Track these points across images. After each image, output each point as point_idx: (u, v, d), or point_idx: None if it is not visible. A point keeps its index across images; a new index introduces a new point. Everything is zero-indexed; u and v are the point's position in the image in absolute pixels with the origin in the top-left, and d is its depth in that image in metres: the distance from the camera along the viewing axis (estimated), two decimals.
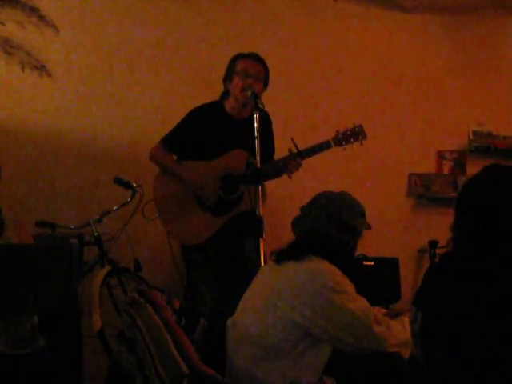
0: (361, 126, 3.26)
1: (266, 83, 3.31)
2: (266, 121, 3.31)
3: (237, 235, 3.22)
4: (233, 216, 3.22)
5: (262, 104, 3.03)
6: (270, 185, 3.41)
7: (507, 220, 1.55)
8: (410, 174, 4.89)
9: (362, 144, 3.27)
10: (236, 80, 3.24)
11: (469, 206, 1.63)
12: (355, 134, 3.24)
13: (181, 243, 3.36)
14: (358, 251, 2.50)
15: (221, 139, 3.26)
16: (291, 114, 4.44)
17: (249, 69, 3.23)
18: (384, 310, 2.41)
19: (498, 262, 1.54)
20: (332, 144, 3.22)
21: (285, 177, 3.40)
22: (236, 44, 4.31)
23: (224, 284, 3.14)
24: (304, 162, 3.26)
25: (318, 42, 4.72)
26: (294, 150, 3.15)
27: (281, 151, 3.33)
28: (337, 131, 3.23)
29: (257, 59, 3.28)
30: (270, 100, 3.32)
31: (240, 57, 3.29)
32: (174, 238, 3.36)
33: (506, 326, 1.47)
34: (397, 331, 2.18)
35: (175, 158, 3.39)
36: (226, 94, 3.34)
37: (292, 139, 3.15)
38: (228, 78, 3.30)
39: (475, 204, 1.61)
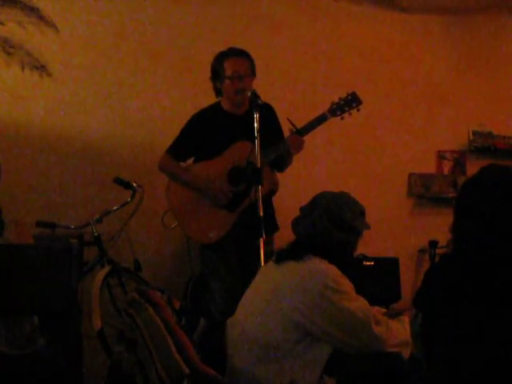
0: (354, 93, 3.25)
1: (254, 73, 3.31)
2: (270, 114, 3.33)
3: (250, 235, 3.22)
4: (245, 208, 3.23)
5: (263, 102, 3.03)
6: None
7: (505, 220, 1.55)
8: (410, 174, 4.89)
9: (358, 110, 3.25)
10: (228, 83, 3.25)
11: (467, 207, 1.63)
12: (349, 102, 3.23)
13: (202, 243, 3.36)
14: (358, 251, 2.50)
15: (224, 137, 3.28)
16: (291, 114, 4.43)
17: (239, 70, 3.24)
18: (384, 310, 2.41)
19: (497, 263, 1.54)
20: (328, 115, 3.21)
21: (285, 177, 3.41)
22: (236, 43, 4.29)
23: (235, 282, 3.14)
24: (304, 163, 3.27)
25: (318, 42, 4.72)
26: (293, 129, 3.17)
27: None
28: (331, 102, 3.23)
29: (242, 55, 3.28)
30: (270, 100, 3.33)
31: (225, 57, 3.29)
32: (195, 240, 3.40)
33: (506, 325, 1.47)
34: (396, 331, 2.18)
35: (186, 162, 3.41)
36: (219, 92, 3.35)
37: (288, 119, 3.16)
38: (218, 79, 3.30)
39: (473, 205, 1.61)
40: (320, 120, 3.22)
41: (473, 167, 4.78)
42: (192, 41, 4.42)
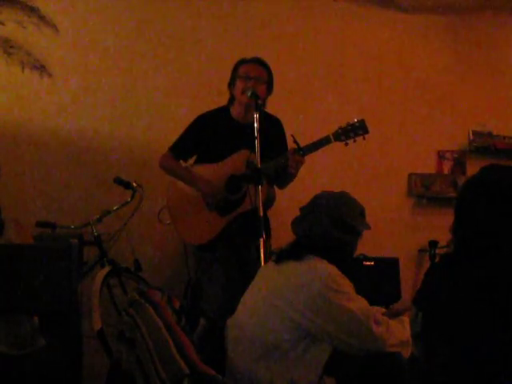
0: (362, 121, 3.22)
1: (269, 86, 3.32)
2: (278, 128, 3.36)
3: (245, 237, 3.23)
4: (238, 215, 3.24)
5: (263, 104, 3.04)
6: None
7: (506, 220, 1.55)
8: (410, 174, 4.89)
9: (364, 139, 3.25)
10: (238, 83, 3.27)
11: (468, 208, 1.63)
12: (356, 129, 3.21)
13: (189, 243, 3.38)
14: (358, 251, 2.50)
15: (227, 144, 3.29)
16: (291, 114, 4.43)
17: (250, 72, 3.25)
18: (384, 310, 2.41)
19: (497, 263, 1.54)
20: (332, 139, 3.20)
21: None
22: (237, 44, 4.32)
23: (230, 284, 3.15)
24: (304, 163, 3.26)
25: (318, 42, 4.72)
26: (295, 147, 3.16)
27: None
28: (339, 126, 3.22)
29: (259, 63, 3.30)
30: (270, 100, 3.33)
31: (242, 62, 3.32)
32: (183, 239, 3.41)
33: (506, 325, 1.47)
34: (396, 331, 2.18)
35: (190, 161, 3.44)
36: (232, 100, 3.36)
37: (292, 135, 3.15)
38: (232, 83, 3.33)
39: (474, 205, 1.61)
40: (323, 142, 3.19)
41: (473, 167, 4.78)
42: (193, 43, 4.42)
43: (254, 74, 3.24)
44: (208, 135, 3.31)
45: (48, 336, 2.69)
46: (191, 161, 3.48)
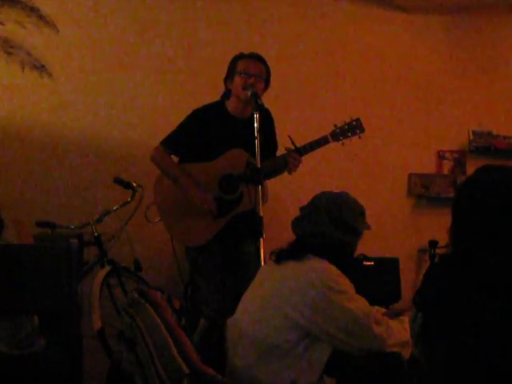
0: (358, 120, 3.26)
1: (267, 82, 3.31)
2: (267, 118, 3.32)
3: (238, 235, 3.23)
4: (233, 216, 3.22)
5: (263, 103, 3.04)
6: (270, 185, 3.41)
7: (501, 221, 1.55)
8: (410, 174, 4.89)
9: (360, 138, 3.27)
10: (237, 79, 3.24)
11: (463, 209, 1.63)
12: (353, 128, 3.24)
13: (184, 245, 3.37)
14: (358, 251, 2.50)
15: (223, 139, 3.26)
16: (291, 113, 4.44)
17: (250, 68, 3.23)
18: (384, 310, 2.41)
19: (493, 263, 1.54)
20: (330, 139, 3.22)
21: (285, 176, 3.41)
22: (236, 43, 4.31)
23: (225, 284, 3.14)
24: (304, 163, 3.27)
25: (318, 42, 4.72)
26: (291, 148, 3.16)
27: (281, 150, 3.33)
28: (335, 125, 3.24)
29: (258, 59, 3.29)
30: (269, 100, 3.33)
31: (241, 57, 3.30)
32: (177, 241, 3.38)
33: (506, 325, 1.47)
34: (396, 331, 2.18)
35: (177, 159, 3.40)
36: (227, 94, 3.34)
37: (289, 136, 3.16)
38: (229, 77, 3.30)
39: (469, 206, 1.61)
40: (321, 142, 3.22)
41: (473, 167, 4.72)
42: (192, 42, 4.42)
43: (253, 71, 3.23)
44: (203, 130, 3.27)
45: (48, 336, 2.69)
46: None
